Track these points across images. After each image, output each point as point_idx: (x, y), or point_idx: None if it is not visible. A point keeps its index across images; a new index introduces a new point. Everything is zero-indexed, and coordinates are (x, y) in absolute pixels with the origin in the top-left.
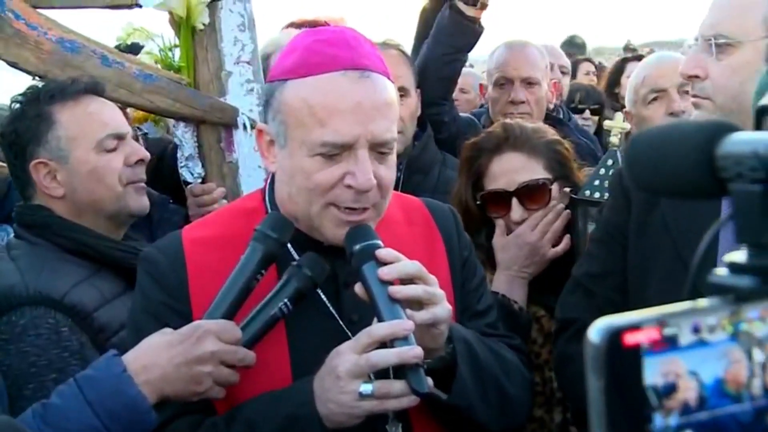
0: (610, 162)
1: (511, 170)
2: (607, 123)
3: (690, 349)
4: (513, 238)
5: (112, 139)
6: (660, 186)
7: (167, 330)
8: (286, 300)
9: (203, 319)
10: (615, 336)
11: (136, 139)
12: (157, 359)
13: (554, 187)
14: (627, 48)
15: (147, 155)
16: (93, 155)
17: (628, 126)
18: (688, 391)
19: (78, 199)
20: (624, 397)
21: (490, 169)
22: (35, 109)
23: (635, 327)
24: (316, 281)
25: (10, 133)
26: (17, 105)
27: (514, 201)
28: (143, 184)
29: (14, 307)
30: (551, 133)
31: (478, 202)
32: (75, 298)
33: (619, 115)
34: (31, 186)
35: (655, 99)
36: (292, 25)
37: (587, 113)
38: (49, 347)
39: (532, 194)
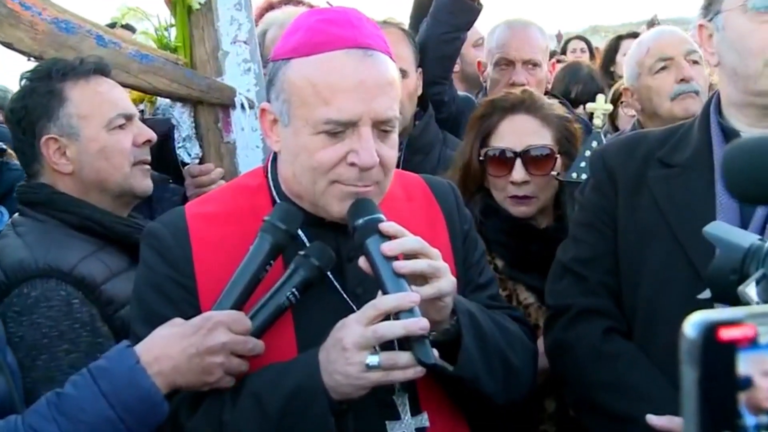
0: (594, 144)
1: (522, 131)
2: (589, 105)
3: None
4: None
5: (122, 119)
6: (759, 196)
7: (178, 321)
8: (293, 289)
9: (213, 310)
10: (710, 331)
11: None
12: (168, 350)
13: (558, 160)
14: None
15: (154, 136)
16: (103, 133)
17: (610, 107)
18: None
19: (85, 176)
20: (717, 389)
21: (500, 127)
22: (46, 85)
23: (731, 323)
24: (324, 270)
25: (20, 109)
26: (27, 82)
27: (518, 162)
28: (148, 166)
29: (25, 280)
30: (564, 111)
31: (481, 158)
32: (84, 271)
33: (600, 97)
34: (38, 162)
35: (663, 68)
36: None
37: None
38: (60, 319)
39: (537, 158)
